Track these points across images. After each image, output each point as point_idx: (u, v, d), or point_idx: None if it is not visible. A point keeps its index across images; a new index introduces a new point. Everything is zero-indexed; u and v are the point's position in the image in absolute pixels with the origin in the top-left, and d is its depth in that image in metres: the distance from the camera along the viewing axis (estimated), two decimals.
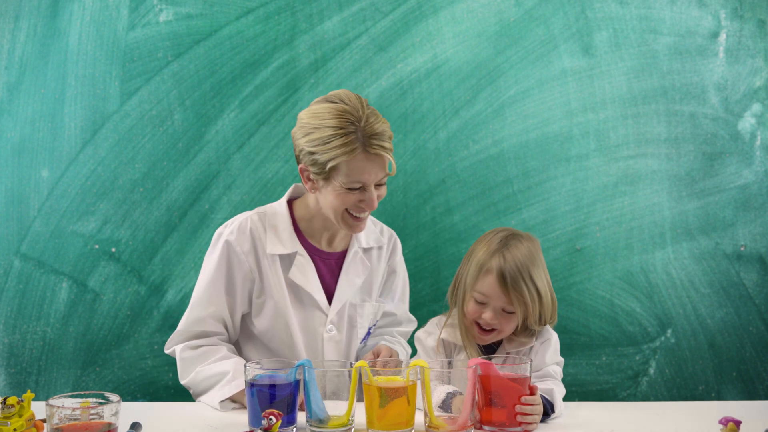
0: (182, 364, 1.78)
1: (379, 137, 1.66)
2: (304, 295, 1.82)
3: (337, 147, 1.64)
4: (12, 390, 2.26)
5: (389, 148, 1.68)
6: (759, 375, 2.36)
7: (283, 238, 1.81)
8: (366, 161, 1.66)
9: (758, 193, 2.34)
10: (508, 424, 1.49)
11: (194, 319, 1.81)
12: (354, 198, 1.71)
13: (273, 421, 1.40)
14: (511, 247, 1.69)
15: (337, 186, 1.69)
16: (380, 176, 1.71)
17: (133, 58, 2.27)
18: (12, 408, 1.33)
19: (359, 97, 1.72)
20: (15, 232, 2.25)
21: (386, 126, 1.70)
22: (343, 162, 1.65)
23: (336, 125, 1.65)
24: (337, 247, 1.88)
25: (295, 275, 1.80)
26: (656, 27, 2.33)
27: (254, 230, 1.81)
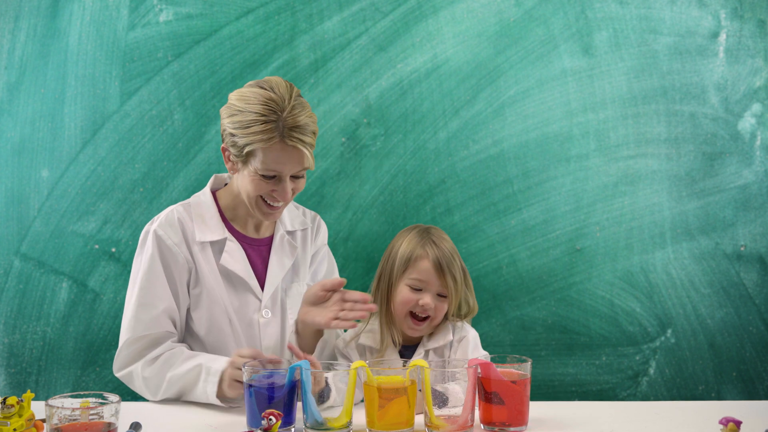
0: (148, 383, 1.72)
1: (299, 130, 1.67)
2: (237, 281, 1.83)
3: (255, 133, 1.66)
4: (12, 390, 2.26)
5: (308, 142, 1.70)
6: (759, 375, 2.36)
7: (211, 226, 1.82)
8: (282, 151, 1.68)
9: (758, 193, 2.34)
10: (508, 423, 1.49)
11: (145, 322, 1.74)
12: (268, 187, 1.73)
13: (273, 422, 1.40)
14: (435, 236, 1.79)
15: (252, 171, 1.71)
16: (296, 169, 1.72)
17: (133, 58, 2.27)
18: (12, 408, 1.33)
19: (291, 87, 1.73)
20: (15, 232, 2.25)
21: (311, 120, 1.71)
22: (259, 148, 1.68)
23: (258, 111, 1.67)
24: (265, 233, 1.91)
25: (227, 261, 1.81)
26: (656, 27, 2.33)
27: (182, 220, 1.81)
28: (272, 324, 1.86)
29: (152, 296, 1.76)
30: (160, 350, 1.74)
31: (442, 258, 1.74)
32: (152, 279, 1.77)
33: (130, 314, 1.77)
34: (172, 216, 1.81)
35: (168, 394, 1.72)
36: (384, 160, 2.31)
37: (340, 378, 1.51)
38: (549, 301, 2.33)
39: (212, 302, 1.81)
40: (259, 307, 1.85)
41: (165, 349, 1.75)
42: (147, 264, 1.77)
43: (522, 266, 2.33)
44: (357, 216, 2.31)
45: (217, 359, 1.69)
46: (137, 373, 1.73)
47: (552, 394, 2.34)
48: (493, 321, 2.32)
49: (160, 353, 1.74)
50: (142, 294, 1.76)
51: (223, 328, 1.81)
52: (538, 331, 2.33)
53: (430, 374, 1.46)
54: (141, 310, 1.75)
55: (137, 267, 1.81)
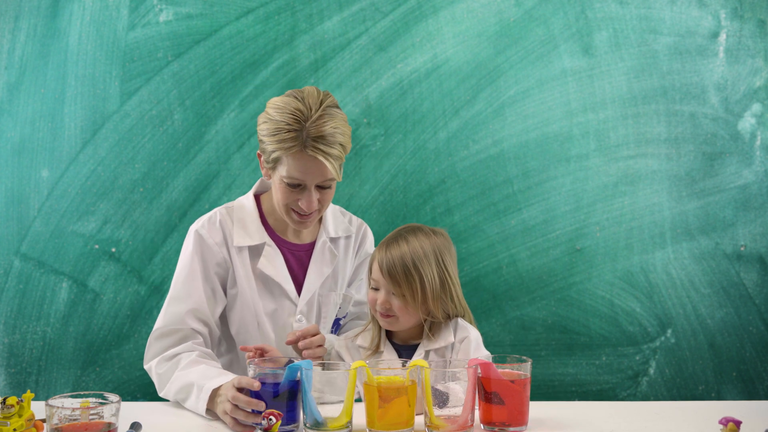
0: (159, 379, 1.74)
1: (322, 140, 1.68)
2: (273, 286, 1.84)
3: (280, 140, 1.69)
4: (12, 390, 2.26)
5: (331, 153, 1.69)
6: (759, 375, 2.36)
7: (250, 231, 1.84)
8: (303, 161, 1.69)
9: (758, 193, 2.34)
10: (508, 423, 1.49)
11: (173, 315, 1.78)
12: (293, 196, 1.75)
13: (273, 421, 1.40)
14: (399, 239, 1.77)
15: (279, 178, 1.74)
16: (319, 179, 1.72)
17: (133, 58, 2.27)
18: (12, 408, 1.33)
19: (325, 96, 1.74)
20: (15, 232, 2.25)
21: (338, 131, 1.70)
22: (283, 156, 1.70)
23: (284, 120, 1.69)
24: (305, 238, 1.91)
25: (263, 266, 1.83)
26: (656, 27, 2.33)
27: (223, 222, 1.84)
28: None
29: (185, 292, 1.79)
30: (178, 349, 1.75)
31: (388, 263, 1.72)
32: (188, 276, 1.80)
33: (164, 307, 1.81)
34: (214, 217, 1.85)
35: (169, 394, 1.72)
36: (384, 160, 2.31)
37: (341, 378, 1.51)
38: (549, 301, 2.33)
39: (244, 306, 1.83)
40: (294, 312, 1.86)
41: (184, 349, 1.75)
42: (185, 261, 1.81)
43: (522, 266, 2.33)
44: (357, 216, 2.31)
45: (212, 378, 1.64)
46: (153, 368, 1.76)
47: (552, 394, 2.34)
48: (493, 321, 2.32)
49: (178, 352, 1.75)
50: (176, 288, 1.80)
51: (251, 332, 1.84)
52: (538, 331, 2.33)
53: (430, 374, 1.46)
54: (172, 303, 1.79)
55: (180, 262, 1.85)
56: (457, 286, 1.81)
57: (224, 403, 1.52)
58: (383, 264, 1.74)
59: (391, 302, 1.75)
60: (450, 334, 1.79)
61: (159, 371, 1.74)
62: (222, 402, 1.53)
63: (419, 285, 1.73)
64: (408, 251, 1.75)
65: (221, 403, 1.54)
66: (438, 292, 1.75)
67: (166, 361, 1.74)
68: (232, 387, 1.51)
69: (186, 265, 1.81)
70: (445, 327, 1.80)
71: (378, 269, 1.75)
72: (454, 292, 1.78)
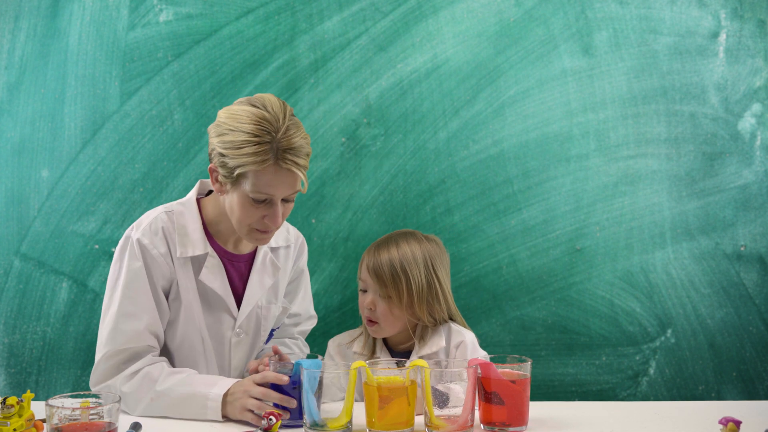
0: (127, 398, 1.63)
1: (294, 152, 1.58)
2: (213, 298, 1.76)
3: (248, 155, 1.56)
4: (12, 390, 2.26)
5: (303, 165, 1.61)
6: (759, 375, 2.36)
7: (193, 239, 1.73)
8: (275, 175, 1.59)
9: (758, 193, 2.34)
10: (508, 423, 1.49)
11: (128, 334, 1.66)
12: (258, 212, 1.63)
13: (273, 421, 1.40)
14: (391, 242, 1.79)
15: (242, 194, 1.62)
16: (288, 192, 1.63)
17: (133, 58, 2.27)
18: (12, 408, 1.33)
19: (284, 105, 1.64)
20: (15, 232, 2.25)
21: (305, 141, 1.62)
22: (251, 171, 1.58)
23: (251, 131, 1.56)
24: (244, 249, 1.82)
25: (206, 277, 1.73)
26: (656, 27, 2.33)
27: (166, 231, 1.72)
28: (244, 343, 1.82)
29: (136, 307, 1.67)
30: (139, 365, 1.66)
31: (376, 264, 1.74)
32: (136, 289, 1.68)
33: (109, 326, 1.67)
34: (156, 225, 1.72)
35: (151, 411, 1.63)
36: (384, 160, 2.31)
37: (341, 378, 1.52)
38: (549, 301, 2.33)
39: (187, 318, 1.74)
40: (232, 326, 1.79)
41: (145, 363, 1.67)
42: (130, 273, 1.68)
43: (522, 266, 2.33)
44: (357, 216, 2.31)
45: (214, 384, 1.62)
46: (116, 388, 1.65)
47: (552, 394, 2.34)
48: (493, 321, 2.32)
49: (140, 367, 1.66)
50: (125, 304, 1.67)
51: (195, 345, 1.76)
52: (538, 331, 2.33)
53: (430, 374, 1.46)
54: (123, 321, 1.67)
55: (117, 274, 1.71)
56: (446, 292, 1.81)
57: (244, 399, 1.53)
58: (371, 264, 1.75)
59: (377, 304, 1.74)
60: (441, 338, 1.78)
61: (125, 389, 1.64)
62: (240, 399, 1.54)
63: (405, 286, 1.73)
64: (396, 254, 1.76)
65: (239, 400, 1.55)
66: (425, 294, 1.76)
67: (131, 378, 1.65)
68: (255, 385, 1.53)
69: (133, 278, 1.68)
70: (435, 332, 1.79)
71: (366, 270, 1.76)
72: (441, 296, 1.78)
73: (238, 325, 1.79)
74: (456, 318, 1.86)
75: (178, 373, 1.66)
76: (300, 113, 2.28)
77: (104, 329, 1.70)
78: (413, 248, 1.78)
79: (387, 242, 1.79)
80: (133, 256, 1.70)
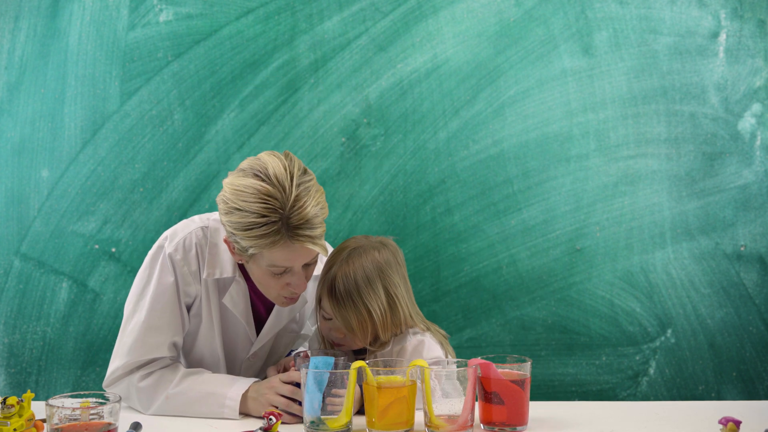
0: (142, 393, 1.64)
1: (305, 226, 1.49)
2: (233, 322, 1.74)
3: (257, 237, 1.49)
4: (12, 390, 2.26)
5: (318, 236, 1.51)
6: (759, 375, 2.36)
7: (223, 260, 1.69)
8: (290, 250, 1.51)
9: (758, 193, 2.34)
10: (508, 423, 1.49)
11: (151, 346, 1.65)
12: (282, 281, 1.58)
13: (273, 421, 1.40)
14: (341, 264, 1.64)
15: (261, 267, 1.57)
16: (307, 259, 1.57)
17: (133, 58, 2.27)
18: (12, 408, 1.33)
19: (290, 167, 1.52)
20: (15, 232, 2.25)
21: (318, 208, 1.52)
22: (265, 250, 1.52)
23: (257, 211, 1.47)
24: None
25: (228, 301, 1.70)
26: (656, 27, 2.33)
27: (199, 250, 1.68)
28: (255, 367, 1.82)
29: (162, 321, 1.66)
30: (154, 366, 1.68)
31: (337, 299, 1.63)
32: (164, 303, 1.66)
33: (133, 335, 1.66)
34: (190, 242, 1.68)
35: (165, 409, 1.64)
36: (384, 160, 2.31)
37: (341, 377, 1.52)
38: (549, 301, 2.33)
39: (205, 337, 1.73)
40: (248, 350, 1.78)
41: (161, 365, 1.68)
42: (160, 287, 1.66)
43: (522, 266, 2.33)
44: (357, 216, 2.31)
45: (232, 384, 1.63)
46: (133, 383, 1.65)
47: (552, 394, 2.34)
48: (493, 321, 2.32)
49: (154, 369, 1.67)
50: (152, 317, 1.66)
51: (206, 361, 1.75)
52: (538, 331, 2.33)
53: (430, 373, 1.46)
54: (149, 333, 1.65)
55: (144, 284, 1.69)
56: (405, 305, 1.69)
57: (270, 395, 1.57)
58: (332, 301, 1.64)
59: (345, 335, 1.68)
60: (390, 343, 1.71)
61: (142, 385, 1.64)
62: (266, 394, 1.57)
63: (367, 317, 1.63)
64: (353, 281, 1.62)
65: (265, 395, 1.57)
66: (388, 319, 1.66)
67: (145, 377, 1.65)
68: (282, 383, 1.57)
69: (162, 292, 1.66)
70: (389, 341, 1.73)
71: (327, 304, 1.66)
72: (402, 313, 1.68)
73: (253, 352, 1.78)
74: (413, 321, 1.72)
75: (194, 373, 1.68)
76: (300, 113, 2.28)
77: (127, 337, 1.67)
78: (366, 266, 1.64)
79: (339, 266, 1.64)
80: (165, 269, 1.67)
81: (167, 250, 1.67)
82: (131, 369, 1.66)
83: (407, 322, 1.71)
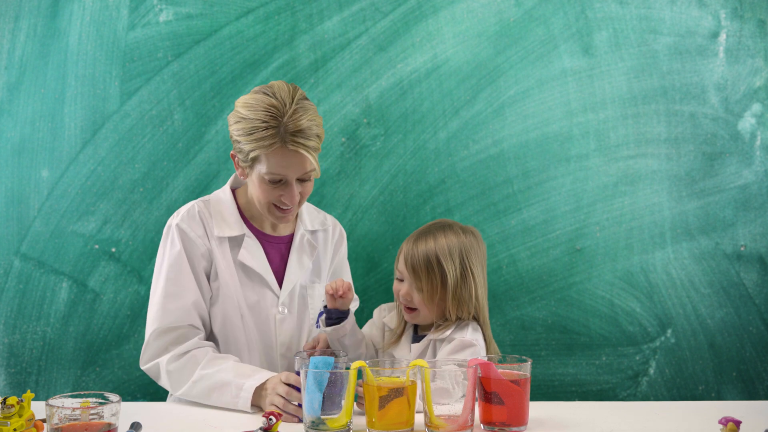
0: (171, 377, 1.73)
1: (301, 134, 1.69)
2: (254, 277, 1.85)
3: (257, 139, 1.69)
4: (12, 390, 2.26)
5: (311, 146, 1.72)
6: (759, 375, 2.36)
7: (230, 222, 1.85)
8: (284, 156, 1.71)
9: (758, 193, 2.34)
10: (508, 423, 1.49)
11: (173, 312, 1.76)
12: (275, 192, 1.76)
13: (273, 421, 1.40)
14: (428, 233, 1.79)
15: (259, 176, 1.74)
16: (300, 172, 1.74)
17: (133, 58, 2.27)
18: (12, 408, 1.33)
19: (294, 90, 1.75)
20: (15, 232, 2.25)
21: (314, 123, 1.73)
22: (263, 154, 1.71)
23: (260, 118, 1.69)
24: (283, 231, 1.93)
25: (244, 256, 1.83)
26: (656, 27, 2.33)
27: (202, 214, 1.84)
28: (288, 321, 1.88)
29: (179, 287, 1.78)
30: (187, 346, 1.75)
31: (413, 257, 1.76)
32: (179, 271, 1.79)
33: (156, 305, 1.78)
34: (193, 210, 1.85)
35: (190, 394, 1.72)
36: (384, 160, 2.31)
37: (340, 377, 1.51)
38: (549, 301, 2.33)
39: (226, 297, 1.82)
40: (276, 303, 1.86)
41: (192, 346, 1.75)
42: (173, 256, 1.80)
43: (522, 266, 2.33)
44: (357, 216, 2.31)
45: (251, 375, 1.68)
46: (162, 365, 1.74)
47: (552, 394, 2.34)
48: (493, 321, 2.32)
49: (187, 350, 1.75)
50: (169, 285, 1.78)
51: (235, 323, 1.83)
52: (538, 331, 2.33)
53: (430, 373, 1.46)
54: (168, 300, 1.77)
55: (161, 260, 1.83)
56: (480, 287, 1.81)
57: (273, 396, 1.61)
58: (408, 257, 1.77)
59: (413, 295, 1.77)
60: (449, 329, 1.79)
61: (170, 368, 1.73)
62: (270, 395, 1.62)
63: (440, 282, 1.75)
64: (433, 247, 1.77)
65: (269, 396, 1.62)
66: (459, 290, 1.77)
67: (178, 359, 1.74)
68: (281, 383, 1.61)
69: (174, 261, 1.79)
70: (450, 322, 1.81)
71: (403, 261, 1.79)
72: (473, 292, 1.79)
73: (281, 302, 1.86)
74: (481, 314, 1.82)
75: (221, 359, 1.73)
76: None
77: (152, 309, 1.80)
78: (450, 241, 1.79)
79: (425, 234, 1.80)
80: (174, 240, 1.81)
81: (173, 222, 1.83)
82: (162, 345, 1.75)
83: (476, 307, 1.79)
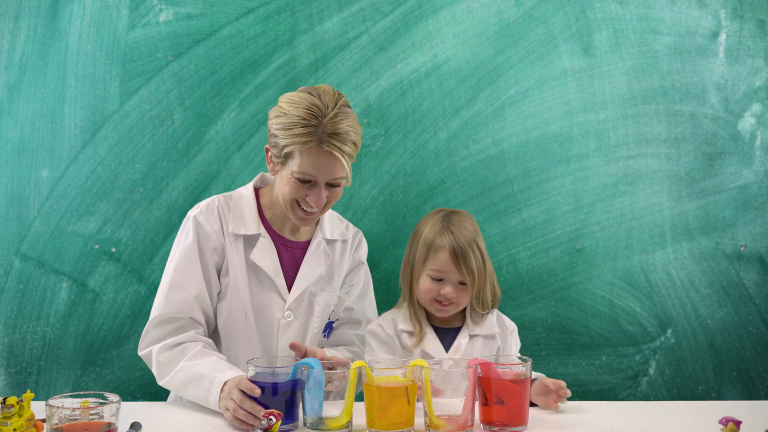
0: (159, 367, 1.73)
1: (338, 137, 1.70)
2: (263, 278, 1.84)
3: (295, 135, 1.69)
4: (12, 390, 2.26)
5: (345, 151, 1.71)
6: (759, 375, 2.36)
7: (247, 220, 1.85)
8: (318, 157, 1.70)
9: (758, 193, 2.34)
10: (508, 423, 1.49)
11: (176, 303, 1.76)
12: (303, 191, 1.75)
13: (273, 421, 1.40)
14: (455, 224, 1.81)
15: (289, 173, 1.74)
16: (331, 176, 1.74)
17: (133, 58, 2.27)
18: (12, 408, 1.33)
19: (339, 95, 1.76)
20: (15, 232, 2.25)
21: (352, 130, 1.73)
22: (297, 150, 1.71)
23: (301, 115, 1.70)
24: (301, 236, 1.92)
25: (256, 256, 1.83)
26: (656, 27, 2.33)
27: (221, 210, 1.85)
28: (293, 326, 1.86)
29: (185, 278, 1.78)
30: (180, 338, 1.74)
31: (458, 248, 1.76)
32: (187, 262, 1.79)
33: (162, 293, 1.79)
34: (212, 204, 1.85)
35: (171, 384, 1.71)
36: (384, 160, 2.31)
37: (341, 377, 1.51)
38: (549, 301, 2.33)
39: (233, 295, 1.82)
40: (282, 307, 1.85)
41: (186, 338, 1.75)
42: (185, 247, 1.80)
43: (522, 266, 2.33)
44: (357, 216, 2.31)
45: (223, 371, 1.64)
46: (153, 353, 1.74)
47: None
48: None
49: (181, 341, 1.74)
50: (176, 274, 1.79)
51: (238, 322, 1.83)
52: (538, 331, 2.33)
53: (431, 374, 1.46)
54: (173, 290, 1.78)
55: (174, 250, 1.84)
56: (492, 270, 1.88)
57: (227, 400, 1.54)
58: (456, 248, 1.77)
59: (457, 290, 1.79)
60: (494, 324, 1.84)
61: (160, 358, 1.73)
62: (225, 399, 1.55)
63: (482, 262, 1.80)
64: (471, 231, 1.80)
65: (224, 399, 1.56)
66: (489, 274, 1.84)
67: (169, 349, 1.73)
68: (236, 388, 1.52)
69: (185, 252, 1.80)
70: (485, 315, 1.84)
71: (449, 260, 1.77)
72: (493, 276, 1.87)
73: (288, 307, 1.85)
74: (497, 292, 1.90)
75: (206, 354, 1.71)
76: None
77: (157, 297, 1.80)
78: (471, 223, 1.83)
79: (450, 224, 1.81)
80: (188, 232, 1.82)
81: (192, 214, 1.84)
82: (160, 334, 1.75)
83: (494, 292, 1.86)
